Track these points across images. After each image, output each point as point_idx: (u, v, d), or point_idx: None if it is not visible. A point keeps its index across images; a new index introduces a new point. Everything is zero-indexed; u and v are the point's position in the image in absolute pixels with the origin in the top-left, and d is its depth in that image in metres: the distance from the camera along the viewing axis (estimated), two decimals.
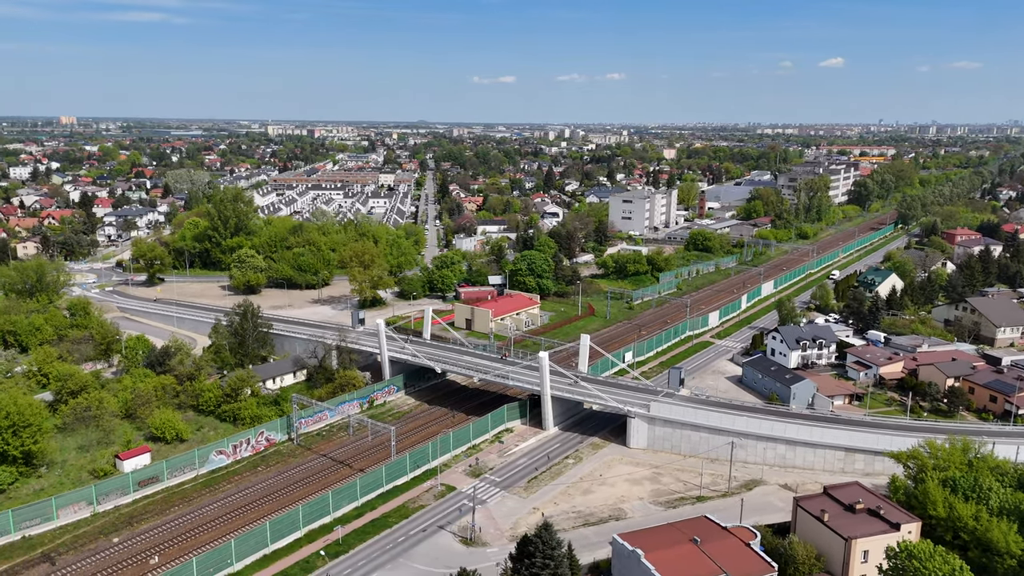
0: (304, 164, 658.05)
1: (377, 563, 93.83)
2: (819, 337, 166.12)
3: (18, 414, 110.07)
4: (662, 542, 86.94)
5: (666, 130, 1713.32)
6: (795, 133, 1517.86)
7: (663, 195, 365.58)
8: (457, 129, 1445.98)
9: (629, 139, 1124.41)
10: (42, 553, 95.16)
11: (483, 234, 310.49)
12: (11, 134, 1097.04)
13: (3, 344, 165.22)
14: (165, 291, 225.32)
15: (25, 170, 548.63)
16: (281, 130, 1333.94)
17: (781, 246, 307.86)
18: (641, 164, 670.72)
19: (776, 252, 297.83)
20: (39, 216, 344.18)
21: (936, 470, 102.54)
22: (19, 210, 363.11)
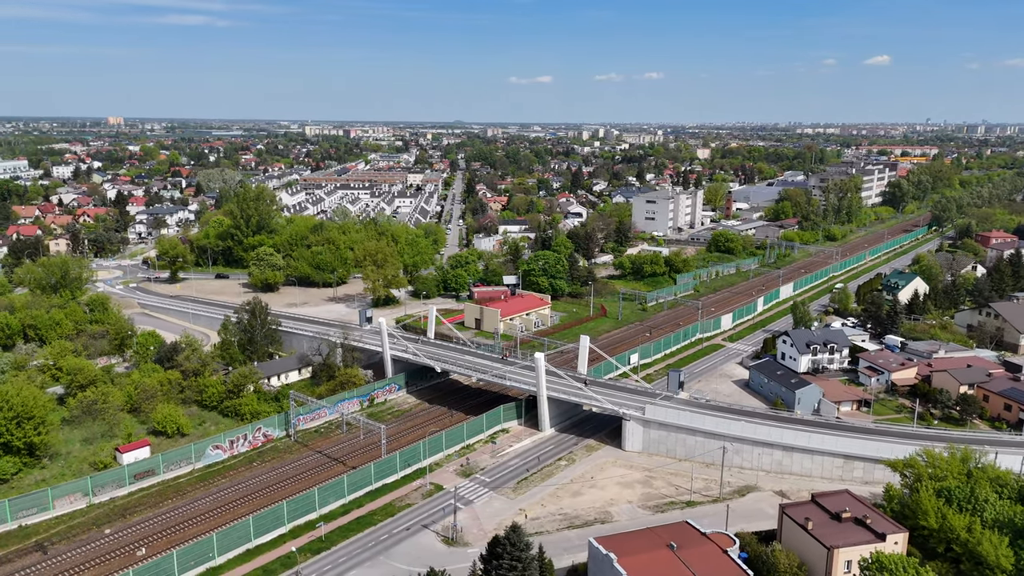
0: (337, 164, 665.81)
1: (357, 560, 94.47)
2: (831, 341, 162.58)
3: (22, 406, 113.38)
4: (637, 547, 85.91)
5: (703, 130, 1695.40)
6: (836, 133, 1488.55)
7: (688, 195, 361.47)
8: (492, 129, 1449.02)
9: (664, 139, 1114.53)
10: (35, 542, 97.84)
11: (504, 234, 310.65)
12: (60, 134, 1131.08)
13: (24, 338, 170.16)
14: (186, 288, 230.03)
15: (68, 169, 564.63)
16: (319, 130, 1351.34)
17: (807, 248, 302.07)
18: (673, 164, 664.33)
19: (801, 254, 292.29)
20: (75, 214, 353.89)
21: (932, 480, 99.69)
22: (57, 208, 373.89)
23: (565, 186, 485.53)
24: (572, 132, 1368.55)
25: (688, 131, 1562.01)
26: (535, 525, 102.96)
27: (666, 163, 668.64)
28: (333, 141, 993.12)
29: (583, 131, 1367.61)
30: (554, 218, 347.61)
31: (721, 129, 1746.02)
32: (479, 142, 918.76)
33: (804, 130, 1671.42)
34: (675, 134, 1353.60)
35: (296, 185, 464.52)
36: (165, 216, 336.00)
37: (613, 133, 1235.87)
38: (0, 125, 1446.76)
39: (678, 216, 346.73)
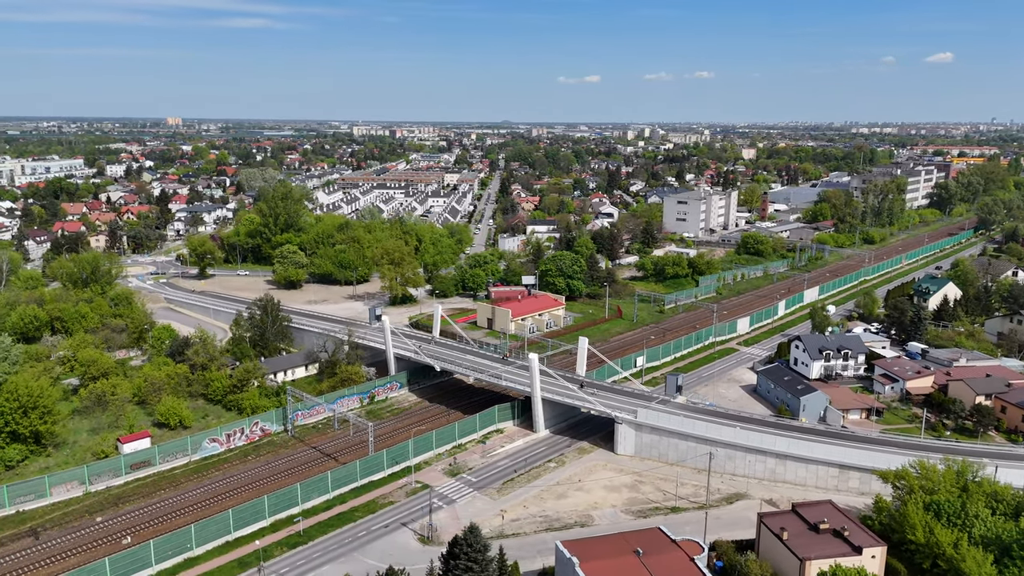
0: (378, 164, 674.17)
1: (331, 556, 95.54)
2: (845, 347, 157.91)
3: (28, 396, 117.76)
4: (603, 552, 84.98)
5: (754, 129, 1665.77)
6: (894, 133, 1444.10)
7: (721, 196, 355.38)
8: (536, 129, 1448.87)
9: (711, 139, 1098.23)
10: (30, 528, 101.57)
11: (531, 234, 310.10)
12: (121, 134, 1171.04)
13: (51, 330, 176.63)
14: (213, 284, 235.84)
15: (120, 168, 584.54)
16: (367, 130, 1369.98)
17: (841, 251, 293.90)
18: (715, 164, 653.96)
19: (834, 257, 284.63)
20: (119, 211, 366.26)
21: (924, 492, 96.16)
22: (104, 205, 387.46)
23: (600, 186, 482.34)
24: (618, 132, 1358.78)
25: (738, 131, 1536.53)
26: (514, 526, 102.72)
27: (708, 163, 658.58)
28: (378, 141, 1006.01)
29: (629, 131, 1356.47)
30: (584, 218, 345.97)
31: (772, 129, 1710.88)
32: (521, 142, 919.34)
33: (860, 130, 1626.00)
34: (723, 134, 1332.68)
35: (334, 184, 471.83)
36: (202, 214, 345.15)
37: (659, 133, 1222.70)
38: (66, 125, 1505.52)
39: (710, 217, 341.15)
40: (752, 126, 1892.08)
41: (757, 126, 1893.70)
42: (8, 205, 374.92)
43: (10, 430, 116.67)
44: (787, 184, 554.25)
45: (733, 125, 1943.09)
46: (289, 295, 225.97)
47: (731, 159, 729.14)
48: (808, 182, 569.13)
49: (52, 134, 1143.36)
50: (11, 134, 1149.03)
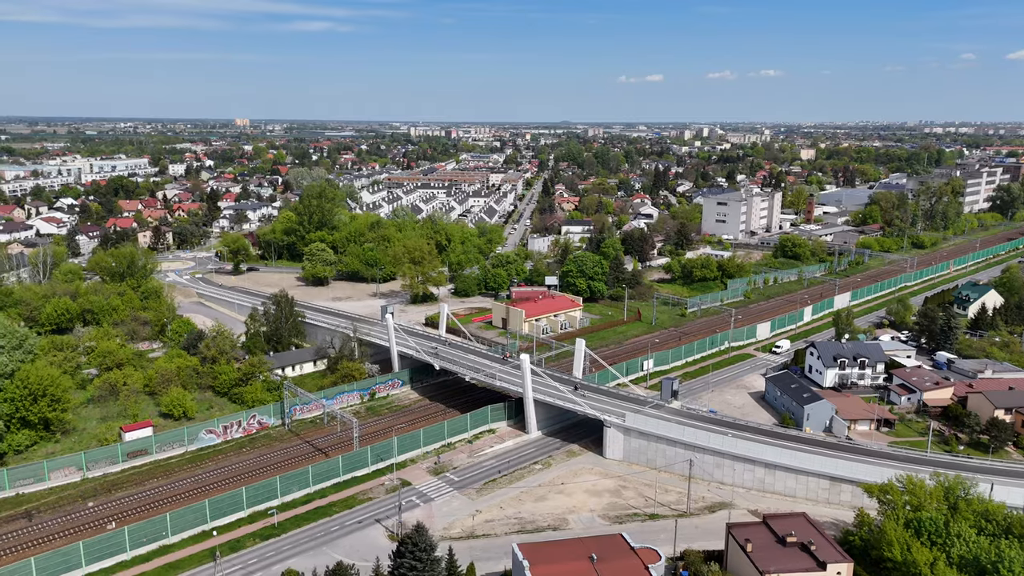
0: (428, 163, 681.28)
1: (300, 549, 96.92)
2: (861, 355, 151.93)
3: (39, 384, 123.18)
4: (557, 556, 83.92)
5: (820, 129, 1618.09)
6: (970, 132, 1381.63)
7: (763, 198, 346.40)
8: (593, 129, 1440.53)
9: (771, 139, 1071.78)
10: (25, 510, 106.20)
11: (564, 234, 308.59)
12: (191, 135, 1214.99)
13: (83, 321, 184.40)
14: (246, 280, 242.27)
15: (181, 167, 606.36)
16: (426, 131, 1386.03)
17: (886, 256, 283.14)
18: (770, 165, 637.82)
19: (876, 262, 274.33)
20: (171, 208, 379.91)
21: (909, 508, 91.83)
22: (158, 203, 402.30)
23: (645, 187, 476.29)
24: (676, 131, 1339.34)
25: (803, 131, 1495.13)
26: (486, 527, 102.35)
27: (763, 164, 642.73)
28: (433, 142, 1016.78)
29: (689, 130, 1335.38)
30: (621, 219, 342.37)
31: (840, 129, 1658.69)
32: (574, 142, 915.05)
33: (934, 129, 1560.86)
34: (787, 134, 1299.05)
35: (379, 184, 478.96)
36: (247, 212, 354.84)
37: (717, 132, 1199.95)
38: (142, 126, 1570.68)
39: (751, 219, 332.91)
40: (819, 126, 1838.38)
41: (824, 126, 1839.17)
42: (69, 202, 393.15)
43: (20, 416, 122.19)
44: (843, 186, 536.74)
45: (799, 125, 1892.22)
46: (316, 292, 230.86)
47: (788, 160, 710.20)
48: (866, 184, 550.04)
49: (127, 135, 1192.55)
50: (89, 134, 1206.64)
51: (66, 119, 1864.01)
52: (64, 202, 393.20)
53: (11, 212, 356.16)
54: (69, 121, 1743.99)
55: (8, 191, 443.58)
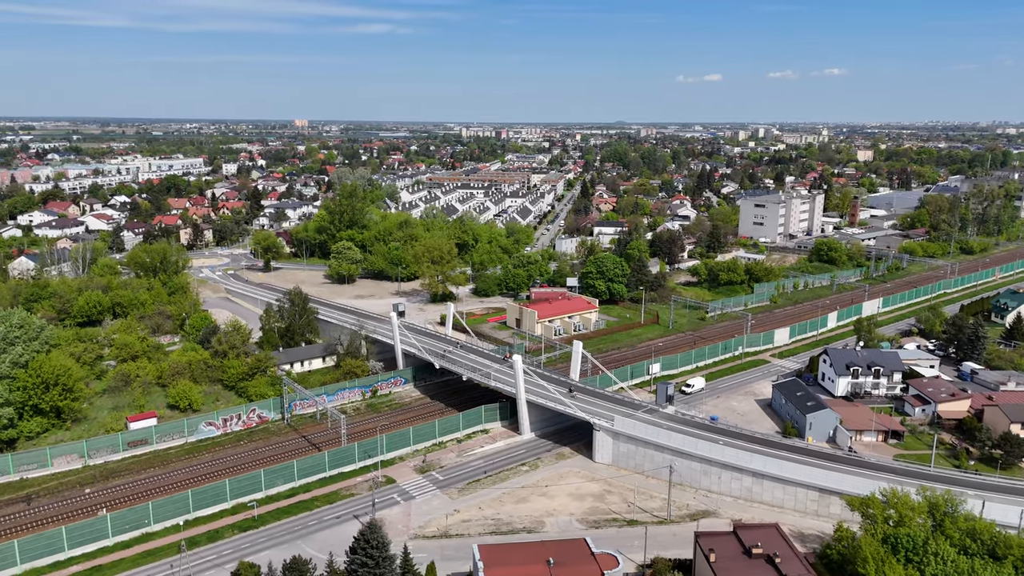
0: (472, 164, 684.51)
1: (275, 542, 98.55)
2: (876, 364, 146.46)
3: (51, 373, 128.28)
4: (515, 559, 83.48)
5: (884, 129, 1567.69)
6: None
7: (804, 200, 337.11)
8: (647, 129, 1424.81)
9: (829, 139, 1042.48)
10: (26, 494, 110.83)
11: (597, 235, 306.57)
12: (250, 135, 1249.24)
13: (113, 314, 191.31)
14: (275, 277, 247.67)
15: (234, 166, 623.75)
16: (478, 132, 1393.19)
17: (930, 261, 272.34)
18: (822, 167, 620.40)
19: (917, 268, 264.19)
20: (216, 206, 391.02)
21: (888, 523, 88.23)
22: (206, 201, 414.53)
23: (688, 188, 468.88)
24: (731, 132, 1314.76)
25: (866, 131, 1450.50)
26: (462, 527, 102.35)
27: (814, 166, 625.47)
28: (482, 142, 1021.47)
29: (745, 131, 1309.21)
30: (656, 220, 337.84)
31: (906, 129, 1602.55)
32: (623, 143, 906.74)
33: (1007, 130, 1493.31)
34: (847, 134, 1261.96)
35: (420, 184, 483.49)
36: (287, 210, 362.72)
37: (773, 133, 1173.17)
38: (206, 127, 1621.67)
39: (789, 222, 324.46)
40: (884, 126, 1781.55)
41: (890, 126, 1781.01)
42: (123, 199, 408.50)
43: (32, 404, 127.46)
44: (898, 188, 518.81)
45: (862, 125, 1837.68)
46: (340, 289, 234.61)
47: (843, 161, 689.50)
48: (923, 187, 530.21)
49: (191, 135, 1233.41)
50: (155, 135, 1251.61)
51: (136, 120, 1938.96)
52: (118, 200, 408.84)
53: (66, 209, 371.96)
54: (138, 122, 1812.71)
55: (68, 189, 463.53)
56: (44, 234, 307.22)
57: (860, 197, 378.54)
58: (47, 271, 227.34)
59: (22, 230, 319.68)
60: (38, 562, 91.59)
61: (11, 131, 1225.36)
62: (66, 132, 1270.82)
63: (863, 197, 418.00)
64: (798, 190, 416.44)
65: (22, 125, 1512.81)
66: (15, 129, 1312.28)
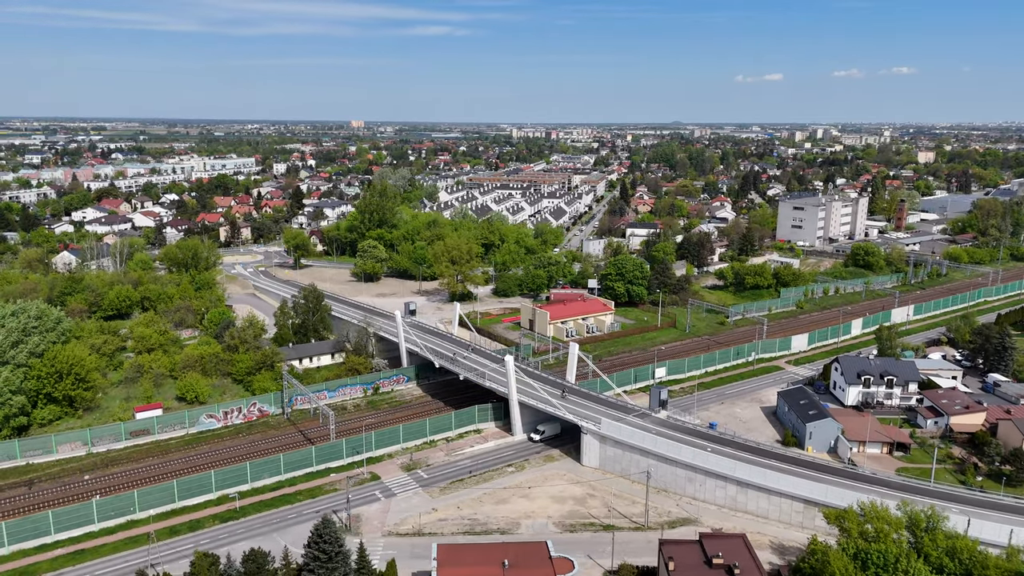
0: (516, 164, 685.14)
1: (253, 533, 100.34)
2: (890, 373, 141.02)
3: (64, 363, 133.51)
4: (470, 560, 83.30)
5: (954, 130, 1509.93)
6: None
7: (846, 203, 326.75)
8: (701, 130, 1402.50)
9: (891, 140, 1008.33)
10: (28, 479, 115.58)
11: (629, 236, 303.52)
12: (306, 135, 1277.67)
13: (142, 308, 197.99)
14: (304, 274, 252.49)
15: (283, 166, 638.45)
16: (529, 132, 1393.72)
17: (975, 268, 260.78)
18: (877, 169, 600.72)
19: (958, 275, 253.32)
20: (259, 205, 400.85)
21: (862, 537, 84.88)
22: (250, 199, 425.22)
23: (731, 189, 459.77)
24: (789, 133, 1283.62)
25: (934, 132, 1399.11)
26: (437, 526, 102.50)
27: (868, 168, 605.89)
28: (531, 143, 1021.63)
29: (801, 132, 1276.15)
30: (691, 223, 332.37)
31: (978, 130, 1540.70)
32: (674, 143, 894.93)
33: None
34: (913, 135, 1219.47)
35: (461, 184, 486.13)
36: (325, 209, 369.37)
37: (831, 134, 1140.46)
38: (266, 128, 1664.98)
39: (829, 225, 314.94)
40: (954, 127, 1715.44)
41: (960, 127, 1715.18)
42: (173, 197, 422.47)
43: (46, 392, 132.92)
44: (956, 191, 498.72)
45: (931, 126, 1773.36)
46: (364, 287, 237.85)
47: (901, 163, 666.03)
48: (983, 190, 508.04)
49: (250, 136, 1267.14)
50: (216, 135, 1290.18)
51: (201, 121, 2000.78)
52: (168, 198, 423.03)
53: (118, 206, 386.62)
54: (203, 123, 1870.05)
55: (124, 187, 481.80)
56: (94, 230, 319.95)
57: (909, 200, 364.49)
58: (87, 265, 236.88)
59: (74, 226, 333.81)
60: (25, 544, 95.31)
61: (84, 131, 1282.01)
62: (134, 133, 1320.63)
63: (916, 200, 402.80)
64: (847, 192, 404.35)
65: (94, 126, 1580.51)
66: (87, 130, 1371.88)
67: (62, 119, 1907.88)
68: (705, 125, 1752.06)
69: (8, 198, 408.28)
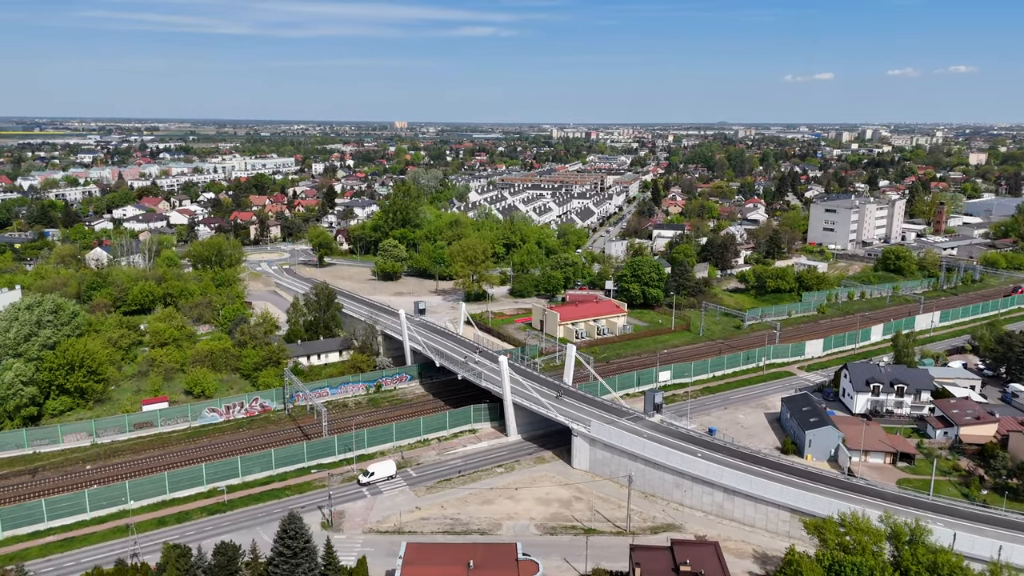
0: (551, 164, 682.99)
1: (237, 527, 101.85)
2: (900, 381, 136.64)
3: (76, 356, 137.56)
4: (437, 559, 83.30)
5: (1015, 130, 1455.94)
6: None
7: (882, 206, 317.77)
8: (746, 130, 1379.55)
9: (944, 141, 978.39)
10: (33, 467, 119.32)
11: (655, 238, 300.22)
12: (350, 136, 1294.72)
13: (164, 303, 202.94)
14: (326, 273, 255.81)
15: (321, 166, 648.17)
16: (569, 132, 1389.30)
17: (1014, 274, 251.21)
18: (923, 170, 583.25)
19: (994, 280, 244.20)
20: (292, 204, 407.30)
21: (841, 548, 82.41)
22: (285, 198, 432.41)
23: (767, 191, 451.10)
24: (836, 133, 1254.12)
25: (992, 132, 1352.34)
26: (418, 524, 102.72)
27: (914, 169, 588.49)
28: (570, 143, 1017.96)
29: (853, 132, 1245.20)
30: (720, 224, 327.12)
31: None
32: (716, 143, 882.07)
33: None
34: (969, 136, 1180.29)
35: (493, 185, 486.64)
36: (355, 208, 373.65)
37: (881, 134, 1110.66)
38: (312, 128, 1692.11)
39: (863, 228, 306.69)
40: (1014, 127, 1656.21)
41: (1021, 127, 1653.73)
42: (210, 196, 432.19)
43: (58, 384, 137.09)
44: (1005, 194, 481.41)
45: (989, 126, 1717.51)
46: (383, 286, 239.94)
47: (951, 165, 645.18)
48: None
49: (295, 136, 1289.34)
50: (263, 135, 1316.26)
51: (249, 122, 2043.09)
52: (206, 196, 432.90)
53: (157, 204, 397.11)
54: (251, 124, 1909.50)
55: (166, 186, 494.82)
56: (131, 227, 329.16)
57: (952, 203, 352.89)
58: (117, 261, 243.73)
59: (113, 223, 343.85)
60: (18, 530, 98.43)
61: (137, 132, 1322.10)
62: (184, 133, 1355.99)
63: (960, 203, 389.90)
64: (888, 195, 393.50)
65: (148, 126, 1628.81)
66: (140, 130, 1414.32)
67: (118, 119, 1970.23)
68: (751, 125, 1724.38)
69: (54, 196, 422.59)
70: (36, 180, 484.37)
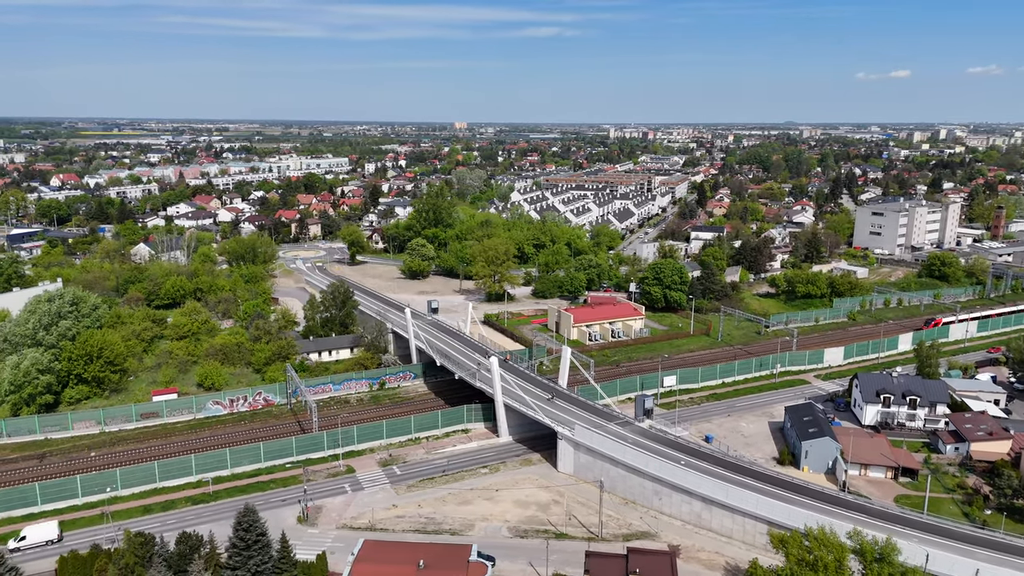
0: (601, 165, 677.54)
1: (217, 517, 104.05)
2: (912, 393, 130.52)
3: (94, 347, 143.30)
4: (390, 558, 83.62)
5: None
6: None
7: (934, 210, 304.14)
8: (811, 130, 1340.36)
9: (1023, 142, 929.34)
10: (41, 452, 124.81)
11: (693, 239, 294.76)
12: (410, 136, 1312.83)
13: (195, 298, 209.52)
14: (355, 271, 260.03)
15: (372, 166, 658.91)
16: (630, 132, 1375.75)
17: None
18: (994, 172, 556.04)
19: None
20: (337, 203, 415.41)
21: (803, 564, 79.16)
22: (332, 198, 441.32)
23: (820, 193, 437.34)
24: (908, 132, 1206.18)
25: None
26: (392, 522, 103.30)
27: (984, 171, 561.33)
28: (625, 143, 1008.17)
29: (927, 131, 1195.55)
30: (762, 227, 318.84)
31: None
32: (776, 143, 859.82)
33: None
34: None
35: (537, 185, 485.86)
36: (396, 207, 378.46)
37: (954, 134, 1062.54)
38: (374, 129, 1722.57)
39: (912, 233, 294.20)
40: None
41: None
42: (260, 195, 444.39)
43: (76, 373, 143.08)
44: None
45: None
46: (409, 284, 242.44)
47: None
48: None
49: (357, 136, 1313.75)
50: (325, 135, 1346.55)
51: (314, 122, 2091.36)
52: (257, 195, 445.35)
53: (209, 202, 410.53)
54: (316, 124, 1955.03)
55: (221, 184, 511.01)
56: (181, 224, 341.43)
57: (1010, 207, 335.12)
58: (158, 257, 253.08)
59: (166, 220, 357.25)
60: (13, 512, 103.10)
61: (207, 132, 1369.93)
62: (251, 133, 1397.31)
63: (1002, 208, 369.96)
64: (950, 197, 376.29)
65: (218, 127, 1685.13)
66: (211, 131, 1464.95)
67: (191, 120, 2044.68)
68: (819, 125, 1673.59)
69: (115, 194, 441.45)
70: (103, 178, 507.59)
